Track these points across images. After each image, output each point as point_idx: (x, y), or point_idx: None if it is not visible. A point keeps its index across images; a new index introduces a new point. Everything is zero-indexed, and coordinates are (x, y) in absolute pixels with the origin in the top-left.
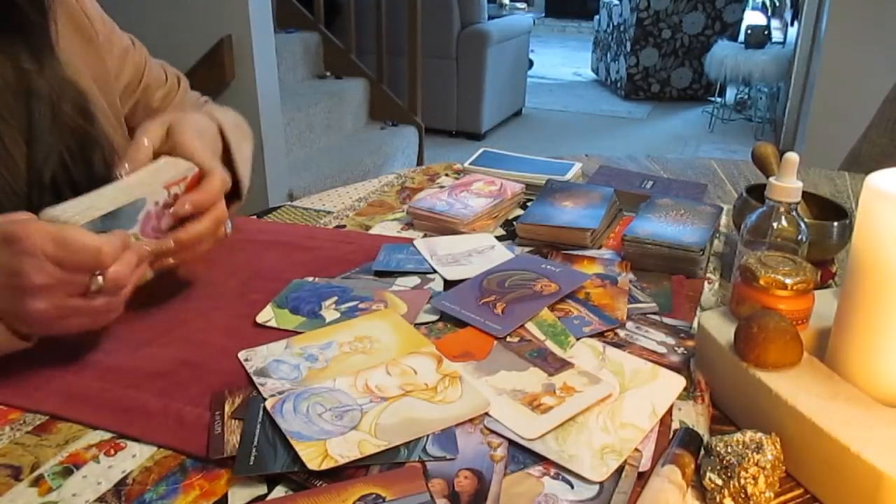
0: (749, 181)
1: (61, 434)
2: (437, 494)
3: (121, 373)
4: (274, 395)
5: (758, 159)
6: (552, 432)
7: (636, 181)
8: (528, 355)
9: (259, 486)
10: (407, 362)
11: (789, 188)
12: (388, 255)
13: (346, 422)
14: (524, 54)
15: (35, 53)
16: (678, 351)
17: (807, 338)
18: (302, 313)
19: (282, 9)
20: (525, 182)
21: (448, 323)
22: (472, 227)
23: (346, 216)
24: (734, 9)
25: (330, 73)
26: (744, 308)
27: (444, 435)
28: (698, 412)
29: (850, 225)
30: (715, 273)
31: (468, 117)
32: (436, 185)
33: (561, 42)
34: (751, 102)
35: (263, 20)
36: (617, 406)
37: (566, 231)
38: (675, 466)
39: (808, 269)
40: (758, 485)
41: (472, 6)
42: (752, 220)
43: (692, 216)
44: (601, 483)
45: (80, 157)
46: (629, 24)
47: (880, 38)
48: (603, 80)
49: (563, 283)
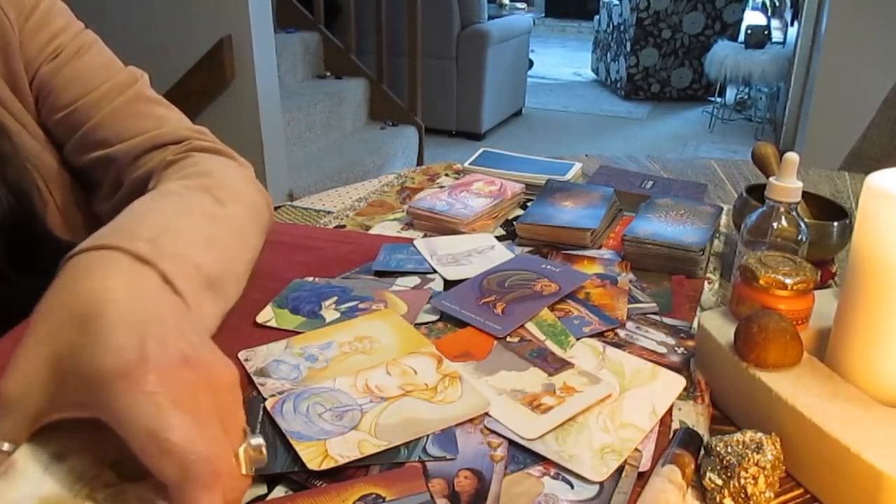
0: (749, 181)
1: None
2: (437, 494)
3: None
4: (274, 395)
5: (758, 159)
6: (552, 432)
7: (636, 181)
8: (528, 355)
9: (259, 486)
10: (407, 362)
11: (789, 188)
12: (388, 255)
13: (346, 422)
14: (524, 54)
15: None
16: (678, 351)
17: (807, 338)
18: (302, 313)
19: (282, 9)
20: (525, 182)
21: (448, 323)
22: (472, 227)
23: (346, 216)
24: (734, 9)
25: (330, 73)
26: (744, 308)
27: (444, 435)
28: (698, 412)
29: (850, 225)
30: (715, 273)
31: (468, 117)
32: (436, 185)
33: (561, 42)
34: (751, 102)
35: (263, 20)
36: (617, 406)
37: (566, 231)
38: (675, 466)
39: (808, 269)
40: (758, 485)
41: (472, 6)
42: (752, 220)
43: (692, 216)
44: (601, 483)
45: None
46: (629, 24)
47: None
48: (603, 80)
49: (563, 283)
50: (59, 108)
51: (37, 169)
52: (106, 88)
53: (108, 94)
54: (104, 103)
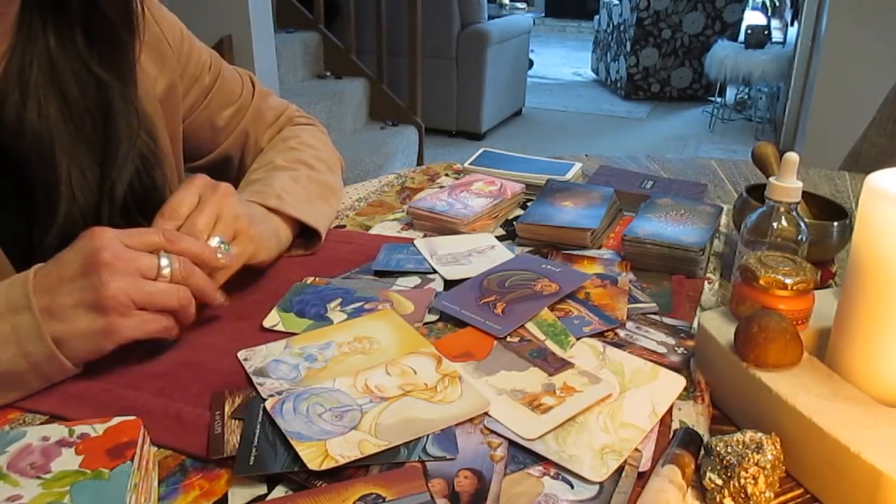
0: (749, 181)
1: None
2: (437, 494)
3: (121, 373)
4: (273, 395)
5: (758, 159)
6: (552, 432)
7: (636, 181)
8: (529, 355)
9: (259, 486)
10: (406, 362)
11: (789, 188)
12: (388, 255)
13: (346, 422)
14: (524, 54)
15: (118, 71)
16: (678, 351)
17: (807, 338)
18: (308, 316)
19: (282, 9)
20: (525, 182)
21: (448, 323)
22: (472, 227)
23: (346, 216)
24: (734, 9)
25: (330, 73)
26: (744, 308)
27: (444, 435)
28: (698, 412)
29: (850, 225)
30: (715, 273)
31: (468, 117)
32: (436, 185)
33: (561, 42)
34: (751, 102)
35: (263, 20)
36: (617, 406)
37: (566, 231)
38: (675, 466)
39: (808, 269)
40: (758, 485)
41: (472, 6)
42: (752, 220)
43: (692, 216)
44: (601, 483)
45: (147, 177)
46: (629, 24)
47: (880, 38)
48: (603, 80)
49: (563, 283)
50: (213, 118)
51: (173, 170)
52: (239, 105)
53: (241, 109)
54: (241, 113)
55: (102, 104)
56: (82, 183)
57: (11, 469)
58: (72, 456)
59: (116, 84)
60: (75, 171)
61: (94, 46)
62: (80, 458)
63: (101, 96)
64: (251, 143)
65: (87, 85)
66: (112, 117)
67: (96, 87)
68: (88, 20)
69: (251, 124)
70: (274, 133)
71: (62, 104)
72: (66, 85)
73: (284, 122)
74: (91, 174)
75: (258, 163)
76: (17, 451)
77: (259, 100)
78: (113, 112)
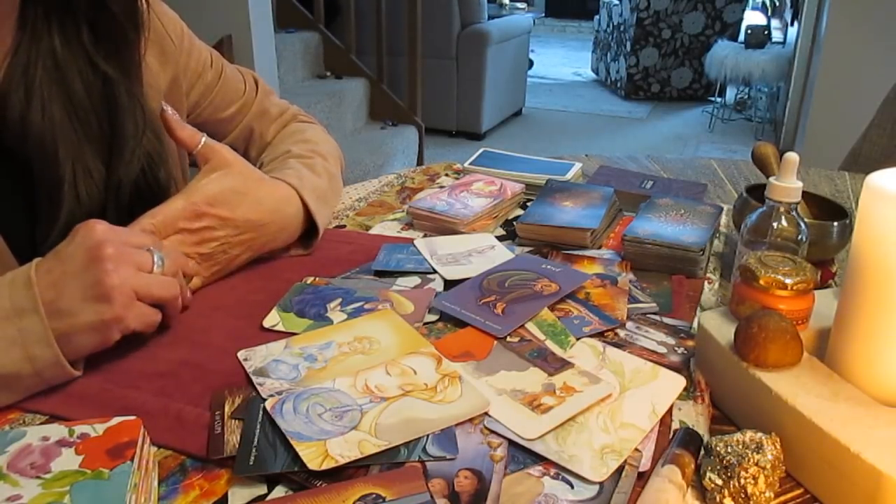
0: (749, 181)
1: None
2: (437, 494)
3: (121, 373)
4: (273, 395)
5: (758, 159)
6: (552, 432)
7: (636, 181)
8: (528, 355)
9: (259, 486)
10: (406, 362)
11: (789, 188)
12: (388, 255)
13: (346, 422)
14: (524, 54)
15: (124, 68)
16: (678, 351)
17: (807, 338)
18: (308, 316)
19: (282, 9)
20: (525, 182)
21: (448, 323)
22: (472, 227)
23: (346, 216)
24: (734, 9)
25: (330, 73)
26: (744, 308)
27: (443, 435)
28: (698, 412)
29: (850, 225)
30: (715, 273)
31: (468, 117)
32: (436, 185)
33: (561, 42)
34: (751, 102)
35: (263, 20)
36: (617, 406)
37: (566, 231)
38: (675, 466)
39: (808, 269)
40: (758, 485)
41: (472, 6)
42: (752, 220)
43: (692, 216)
44: (601, 483)
45: (152, 175)
46: (629, 24)
47: (880, 38)
48: (603, 80)
49: (563, 283)
50: (217, 113)
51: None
52: (243, 101)
53: (245, 105)
54: (245, 109)
55: (108, 102)
56: (88, 182)
57: (11, 469)
58: (72, 456)
59: (123, 81)
60: (80, 171)
61: (101, 44)
62: (80, 458)
63: (107, 94)
64: (256, 137)
65: (92, 83)
66: (118, 115)
67: (102, 84)
68: (95, 18)
69: (255, 120)
70: (279, 128)
71: (67, 103)
72: (71, 84)
73: (289, 119)
74: (97, 173)
75: (271, 153)
76: (17, 451)
77: (262, 96)
78: (119, 110)
